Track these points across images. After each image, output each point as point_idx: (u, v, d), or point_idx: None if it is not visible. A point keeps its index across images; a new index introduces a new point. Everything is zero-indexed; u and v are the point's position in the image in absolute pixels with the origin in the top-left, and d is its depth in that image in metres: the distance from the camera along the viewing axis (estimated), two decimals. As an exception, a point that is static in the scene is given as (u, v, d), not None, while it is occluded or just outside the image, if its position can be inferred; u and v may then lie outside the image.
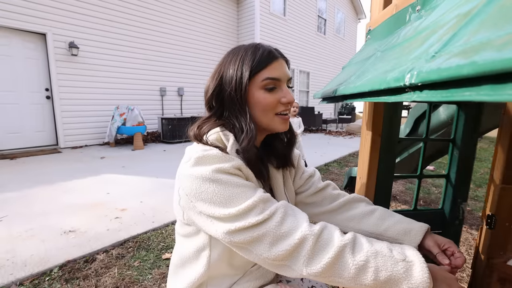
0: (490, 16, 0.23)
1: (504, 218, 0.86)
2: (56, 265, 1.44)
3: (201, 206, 0.50)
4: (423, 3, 0.51)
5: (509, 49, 0.17)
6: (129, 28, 5.67)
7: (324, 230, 0.48)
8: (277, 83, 0.58)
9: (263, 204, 0.49)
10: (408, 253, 0.46)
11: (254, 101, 0.58)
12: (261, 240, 0.47)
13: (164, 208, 2.25)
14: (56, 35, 4.70)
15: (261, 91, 0.57)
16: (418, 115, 1.74)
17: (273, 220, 0.48)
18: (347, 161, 4.39)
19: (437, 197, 2.74)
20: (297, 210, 0.53)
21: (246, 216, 0.48)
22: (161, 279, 1.38)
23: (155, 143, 5.92)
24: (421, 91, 0.28)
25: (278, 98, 0.58)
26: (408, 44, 0.44)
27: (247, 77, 0.56)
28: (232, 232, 0.47)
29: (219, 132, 0.58)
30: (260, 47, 0.59)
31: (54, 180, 2.98)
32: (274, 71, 0.57)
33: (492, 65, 0.17)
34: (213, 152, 0.52)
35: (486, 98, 0.18)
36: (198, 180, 0.50)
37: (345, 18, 12.21)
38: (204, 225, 0.52)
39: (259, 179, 0.59)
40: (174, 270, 0.64)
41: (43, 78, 4.76)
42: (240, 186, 0.50)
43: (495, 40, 0.19)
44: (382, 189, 0.93)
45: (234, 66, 0.57)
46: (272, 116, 0.59)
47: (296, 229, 0.47)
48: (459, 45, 0.24)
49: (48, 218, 2.02)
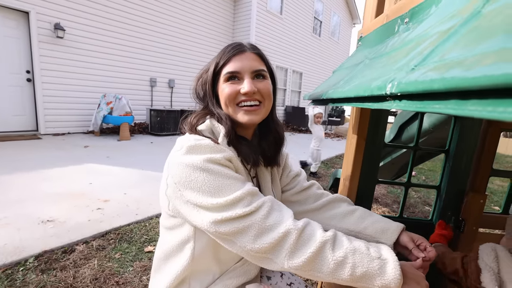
0: (464, 36, 0.26)
1: (472, 222, 0.92)
2: (32, 255, 1.40)
3: (189, 195, 0.51)
4: (411, 16, 0.54)
5: (474, 69, 0.19)
6: (122, 14, 5.50)
7: (307, 226, 0.50)
8: (238, 75, 0.60)
9: (251, 197, 0.51)
10: (384, 252, 0.50)
11: (220, 95, 0.62)
12: (246, 232, 0.48)
13: (149, 200, 2.23)
14: (40, 15, 4.49)
15: (224, 83, 0.61)
16: (402, 122, 1.81)
17: (259, 213, 0.49)
18: (333, 162, 4.48)
19: (416, 201, 2.85)
20: (283, 206, 0.55)
21: (233, 206, 0.49)
22: (142, 272, 1.38)
23: (142, 134, 5.81)
24: (400, 100, 0.30)
25: (238, 89, 0.60)
26: (394, 54, 0.46)
27: (212, 71, 0.62)
28: (219, 222, 0.48)
29: (208, 123, 0.60)
30: (232, 44, 0.63)
31: (33, 167, 2.87)
32: (234, 64, 0.60)
33: (458, 82, 0.19)
34: (206, 142, 0.54)
35: (452, 112, 0.20)
36: (189, 168, 0.51)
37: (340, 22, 12.36)
38: (190, 214, 0.52)
39: (249, 165, 0.62)
40: (158, 264, 0.64)
41: (24, 59, 4.53)
42: (230, 178, 0.52)
43: (465, 60, 0.21)
44: (364, 192, 0.97)
45: (212, 62, 0.63)
46: (234, 107, 0.61)
47: (280, 223, 0.49)
48: (435, 61, 0.26)
49: (24, 206, 1.95)
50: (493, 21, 0.23)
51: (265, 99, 0.62)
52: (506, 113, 0.16)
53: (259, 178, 0.70)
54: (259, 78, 0.61)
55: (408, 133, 1.82)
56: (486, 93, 0.17)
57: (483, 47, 0.20)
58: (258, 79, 0.61)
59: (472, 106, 0.18)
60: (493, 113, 0.16)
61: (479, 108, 0.17)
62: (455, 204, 0.98)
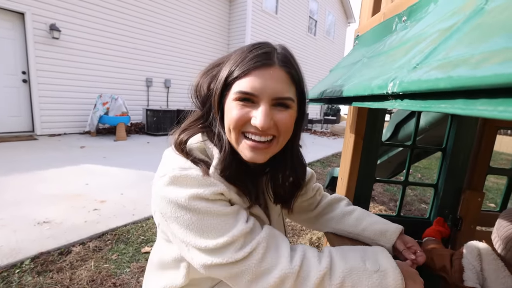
0: (467, 34, 0.25)
1: (470, 220, 0.92)
2: (28, 257, 1.38)
3: (177, 230, 0.46)
4: (409, 14, 0.53)
5: (482, 67, 0.18)
6: (118, 15, 5.45)
7: (304, 263, 0.46)
8: (253, 98, 0.45)
9: (244, 238, 0.45)
10: (382, 262, 0.48)
11: (225, 110, 0.49)
12: (239, 277, 0.44)
13: (146, 201, 2.21)
14: (36, 16, 4.44)
15: (234, 102, 0.46)
16: (399, 120, 1.81)
17: (253, 257, 0.44)
18: (330, 161, 4.49)
19: (412, 199, 2.87)
20: (280, 238, 0.49)
21: (224, 251, 0.44)
22: (139, 273, 1.36)
23: (138, 134, 5.77)
24: (402, 99, 0.30)
25: (249, 116, 0.46)
26: (393, 53, 0.46)
27: (223, 79, 0.47)
28: (208, 266, 0.44)
29: (200, 141, 0.51)
30: (257, 46, 0.47)
31: (29, 168, 2.83)
32: (252, 82, 0.44)
33: (466, 81, 0.19)
34: (192, 173, 0.45)
35: (459, 112, 0.20)
36: (173, 204, 0.44)
37: (335, 21, 12.38)
38: (179, 247, 0.48)
39: (245, 194, 0.51)
40: (154, 270, 0.61)
41: (19, 60, 4.48)
42: (220, 216, 0.45)
43: (470, 58, 0.21)
44: (362, 190, 0.97)
45: (224, 65, 0.49)
46: (239, 136, 0.48)
47: (276, 267, 0.44)
48: (438, 59, 0.25)
49: (20, 207, 1.92)
50: (497, 18, 0.22)
51: (281, 134, 0.48)
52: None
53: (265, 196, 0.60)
54: (281, 107, 0.47)
55: (404, 132, 1.82)
56: (496, 92, 0.17)
57: (490, 45, 0.20)
58: (280, 107, 0.47)
59: (481, 106, 0.18)
60: (505, 112, 0.16)
61: (490, 108, 0.17)
62: (452, 202, 0.98)
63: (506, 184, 1.03)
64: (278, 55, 0.47)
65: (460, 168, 0.97)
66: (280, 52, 0.47)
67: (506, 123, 1.01)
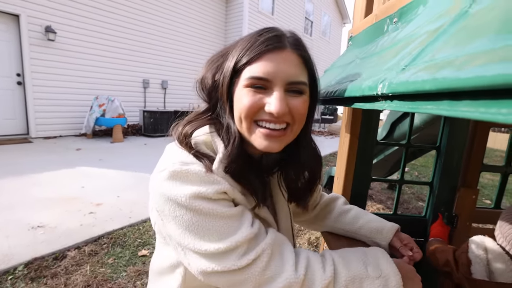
0: (453, 35, 0.25)
1: (465, 217, 0.93)
2: (21, 263, 1.37)
3: (174, 231, 0.42)
4: (400, 16, 0.54)
5: (465, 69, 0.18)
6: (113, 16, 5.42)
7: (308, 271, 0.44)
8: (266, 84, 0.43)
9: (248, 244, 0.42)
10: (383, 267, 0.47)
11: (234, 100, 0.46)
12: (241, 286, 0.41)
13: (143, 203, 2.20)
14: (31, 18, 4.41)
15: (245, 89, 0.43)
16: (394, 119, 1.82)
17: (257, 265, 0.41)
18: (327, 160, 4.50)
19: (410, 197, 2.89)
20: (285, 244, 0.46)
21: (225, 257, 0.40)
22: (136, 277, 1.35)
23: (135, 136, 5.74)
24: (391, 101, 0.30)
25: (262, 102, 0.43)
26: (384, 54, 0.46)
27: (231, 66, 0.44)
28: (207, 273, 0.41)
29: (208, 133, 0.47)
30: (267, 30, 0.45)
31: (23, 171, 2.80)
32: (265, 66, 0.42)
33: (450, 83, 0.19)
34: (194, 169, 0.41)
35: (444, 113, 0.20)
36: (172, 203, 0.41)
37: (331, 22, 12.44)
38: (175, 251, 0.45)
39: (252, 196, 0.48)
40: (153, 278, 0.58)
41: (14, 62, 4.44)
42: (223, 218, 0.41)
43: (455, 60, 0.21)
44: (359, 190, 0.97)
45: (231, 51, 0.46)
46: (251, 124, 0.45)
47: (280, 275, 0.42)
48: (425, 61, 0.25)
49: (14, 212, 1.90)
50: (481, 21, 0.22)
51: (296, 121, 0.46)
52: (499, 115, 0.15)
53: (274, 197, 0.57)
54: (295, 93, 0.45)
55: (400, 130, 1.84)
56: (479, 94, 0.17)
57: (473, 47, 0.20)
58: (293, 94, 0.44)
59: (464, 107, 0.18)
60: (486, 114, 0.16)
61: (472, 109, 0.17)
62: (447, 200, 0.98)
63: (499, 180, 1.04)
64: (289, 38, 0.45)
65: (454, 166, 0.98)
66: (290, 36, 0.46)
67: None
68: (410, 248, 0.63)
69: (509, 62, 0.15)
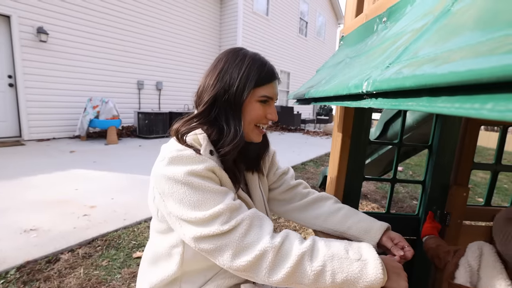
0: (435, 33, 0.26)
1: (457, 215, 0.94)
2: (13, 267, 1.34)
3: (172, 206, 0.52)
4: (389, 15, 0.54)
5: (442, 65, 0.19)
6: (107, 17, 5.37)
7: (285, 241, 0.50)
8: (269, 100, 0.63)
9: (230, 213, 0.50)
10: (364, 252, 0.50)
11: (247, 110, 0.61)
12: (223, 250, 0.48)
13: (137, 205, 2.18)
14: (22, 19, 4.34)
15: (257, 103, 0.61)
16: (387, 118, 1.84)
17: (237, 231, 0.49)
18: (323, 160, 4.52)
19: (404, 196, 2.91)
20: (265, 219, 0.54)
21: (211, 223, 0.49)
22: (130, 279, 1.34)
23: (130, 137, 5.69)
24: (376, 98, 0.30)
25: (266, 112, 0.63)
26: (372, 52, 0.46)
27: (252, 87, 0.59)
28: (198, 238, 0.49)
29: (197, 134, 0.58)
30: (265, 63, 0.62)
31: (15, 174, 2.76)
32: (271, 90, 0.62)
33: (428, 79, 0.19)
34: (187, 152, 0.53)
35: (424, 109, 0.20)
36: (171, 181, 0.51)
37: (326, 22, 12.51)
38: (174, 226, 0.54)
39: (233, 181, 0.60)
40: (146, 266, 0.64)
41: (5, 64, 4.36)
42: (210, 192, 0.51)
43: (434, 57, 0.21)
44: (351, 189, 0.98)
45: (240, 71, 0.58)
46: (253, 127, 0.63)
47: (258, 242, 0.49)
48: (407, 58, 0.26)
49: (6, 215, 1.87)
50: (460, 19, 0.23)
51: None
52: (472, 110, 0.16)
53: (247, 179, 0.70)
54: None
55: (393, 130, 1.85)
56: (456, 90, 0.17)
57: (451, 44, 0.20)
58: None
59: (441, 103, 0.18)
60: (460, 109, 0.16)
61: (448, 105, 0.17)
62: (439, 198, 0.99)
63: (489, 178, 1.05)
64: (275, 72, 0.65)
65: (446, 165, 0.99)
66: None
67: (487, 120, 1.03)
68: (401, 247, 0.64)
69: (481, 58, 0.15)
